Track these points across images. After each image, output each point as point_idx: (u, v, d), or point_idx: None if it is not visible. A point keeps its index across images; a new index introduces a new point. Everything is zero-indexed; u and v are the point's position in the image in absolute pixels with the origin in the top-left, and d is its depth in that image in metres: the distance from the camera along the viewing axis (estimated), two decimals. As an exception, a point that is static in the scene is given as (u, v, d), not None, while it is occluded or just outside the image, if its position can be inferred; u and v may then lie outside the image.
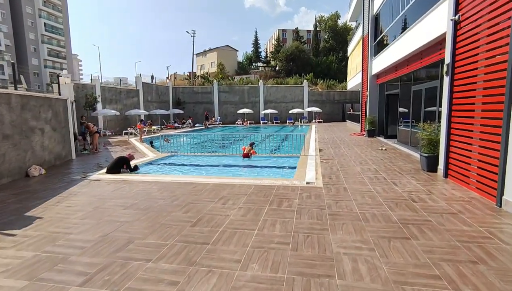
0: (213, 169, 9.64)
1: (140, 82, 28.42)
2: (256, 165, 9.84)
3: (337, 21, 71.80)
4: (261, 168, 9.42)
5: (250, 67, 70.50)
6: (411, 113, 11.06)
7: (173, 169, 9.61)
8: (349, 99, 35.91)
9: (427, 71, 9.96)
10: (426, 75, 10.16)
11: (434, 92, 9.14)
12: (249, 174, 8.83)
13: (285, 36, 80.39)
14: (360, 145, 13.29)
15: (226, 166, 9.89)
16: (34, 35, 67.51)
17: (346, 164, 8.94)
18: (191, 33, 41.33)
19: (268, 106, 35.87)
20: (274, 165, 9.98)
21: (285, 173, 8.62)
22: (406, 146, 11.61)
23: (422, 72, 10.42)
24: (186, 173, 9.05)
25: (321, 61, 61.83)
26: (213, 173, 9.12)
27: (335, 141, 14.85)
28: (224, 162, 10.65)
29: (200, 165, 10.21)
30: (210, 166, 9.96)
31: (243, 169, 9.47)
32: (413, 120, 11.03)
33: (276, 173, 8.82)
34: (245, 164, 10.09)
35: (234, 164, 10.20)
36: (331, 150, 12.05)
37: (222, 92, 36.18)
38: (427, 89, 9.67)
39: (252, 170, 9.32)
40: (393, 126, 15.29)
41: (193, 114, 35.45)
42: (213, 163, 10.58)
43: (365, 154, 10.70)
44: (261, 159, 10.87)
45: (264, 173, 8.90)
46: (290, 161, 10.33)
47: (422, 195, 5.56)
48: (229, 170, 9.44)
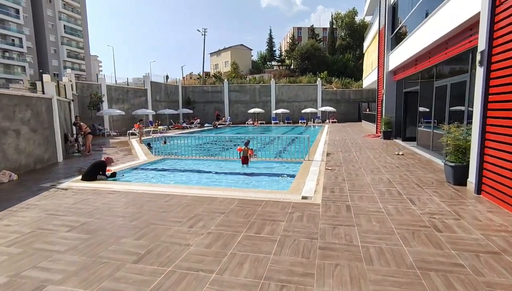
0: (204, 176, 8.62)
1: (148, 81, 27.95)
2: (253, 172, 8.74)
3: (354, 18, 69.52)
4: (257, 176, 8.31)
5: (264, 66, 69.43)
6: (433, 113, 9.62)
7: (160, 175, 8.67)
8: (365, 98, 34.10)
9: (453, 64, 8.51)
10: (451, 69, 8.71)
11: (462, 88, 7.71)
12: (242, 182, 7.75)
13: (300, 35, 78.81)
14: (373, 149, 11.90)
15: (219, 173, 8.85)
16: (54, 37, 69.28)
17: (355, 172, 7.67)
18: (202, 32, 40.75)
19: (279, 105, 34.63)
20: (273, 171, 8.84)
21: (281, 183, 7.47)
22: (427, 150, 10.15)
23: (447, 66, 8.96)
24: (172, 180, 8.08)
25: (337, 60, 59.85)
26: (202, 180, 8.10)
27: (346, 144, 13.50)
28: (220, 167, 9.63)
29: (193, 170, 9.22)
30: (202, 173, 8.94)
31: (237, 176, 8.40)
32: (435, 120, 9.58)
33: (272, 181, 7.69)
34: (242, 170, 9.01)
35: (229, 169, 9.15)
36: (340, 154, 10.76)
37: (232, 92, 35.28)
38: (454, 85, 8.23)
39: (247, 178, 8.22)
40: (412, 128, 13.76)
41: (203, 114, 34.77)
42: (207, 168, 9.57)
43: (378, 160, 9.36)
44: (259, 164, 9.76)
45: (260, 181, 7.78)
46: (291, 167, 9.16)
47: (448, 220, 4.28)
48: (221, 177, 8.39)
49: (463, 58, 7.81)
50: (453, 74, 8.34)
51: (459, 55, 7.88)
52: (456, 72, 8.29)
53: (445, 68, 9.13)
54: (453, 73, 8.43)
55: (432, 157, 9.33)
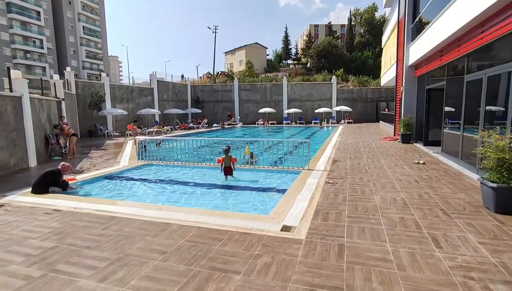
0: (180, 188, 7.32)
1: (155, 80, 27.18)
2: (238, 185, 7.35)
3: (374, 14, 66.54)
4: (241, 191, 6.90)
5: (280, 65, 67.83)
6: (463, 113, 7.84)
7: (130, 186, 7.46)
8: (384, 97, 31.80)
9: (492, 51, 6.74)
10: (489, 58, 6.94)
11: (503, 82, 5.98)
12: (220, 199, 6.39)
13: (317, 32, 76.59)
14: (389, 155, 10.19)
15: (198, 184, 7.51)
16: (73, 38, 70.86)
17: (361, 188, 6.12)
18: (213, 29, 39.73)
19: (292, 105, 33.00)
20: (260, 184, 7.39)
21: (267, 202, 6.04)
22: (455, 158, 8.38)
23: (483, 54, 7.19)
24: (140, 193, 6.85)
25: (355, 57, 57.38)
26: (175, 194, 6.81)
27: (358, 149, 11.83)
28: (205, 175, 8.32)
29: (171, 180, 7.95)
30: (179, 184, 7.65)
31: (218, 190, 7.04)
32: (466, 122, 7.82)
33: (256, 199, 6.26)
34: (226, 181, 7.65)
35: (213, 180, 7.81)
36: (348, 161, 9.16)
37: (242, 90, 34.00)
38: (492, 78, 6.47)
39: (228, 193, 6.85)
40: (435, 130, 11.90)
41: (212, 113, 33.74)
42: (190, 177, 8.29)
43: (394, 170, 7.72)
44: (250, 174, 8.36)
45: (241, 198, 6.38)
46: (286, 178, 7.71)
47: (495, 285, 2.72)
48: (198, 191, 7.07)
49: (505, 43, 6.06)
50: (492, 65, 6.58)
51: (502, 39, 6.13)
52: (496, 61, 6.53)
53: (480, 57, 7.35)
54: (492, 63, 6.68)
55: (461, 168, 7.58)
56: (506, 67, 5.87)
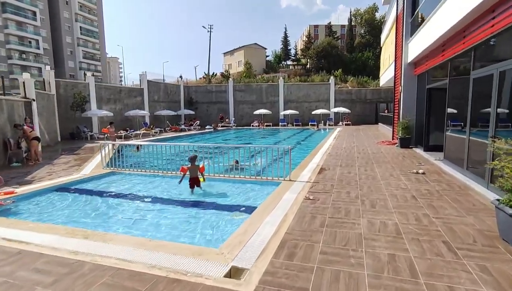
0: (134, 204, 6.24)
1: (145, 80, 26.16)
2: (203, 200, 6.26)
3: (374, 14, 65.59)
4: (204, 208, 5.81)
5: (279, 66, 66.85)
6: (469, 114, 6.73)
7: (78, 201, 6.39)
8: (383, 98, 30.69)
9: (504, 41, 5.63)
10: (501, 50, 5.84)
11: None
12: (176, 219, 5.30)
13: (316, 33, 75.65)
14: (385, 162, 9.09)
15: (157, 200, 6.41)
16: (70, 39, 70.12)
17: (346, 207, 5.02)
18: (208, 28, 38.71)
19: (288, 106, 31.90)
20: (230, 199, 6.28)
21: (228, 224, 4.96)
22: (460, 168, 7.26)
23: (493, 46, 6.08)
24: (87, 211, 5.77)
25: (355, 58, 56.31)
26: (128, 211, 5.74)
27: (352, 155, 10.72)
28: (170, 189, 7.24)
29: (129, 194, 6.86)
30: (133, 200, 6.57)
31: (177, 207, 5.96)
32: (472, 125, 6.72)
33: (218, 220, 5.17)
34: (190, 195, 6.57)
35: (175, 193, 6.72)
36: (337, 170, 8.07)
37: (237, 91, 32.94)
38: (504, 74, 5.37)
39: (187, 210, 5.76)
40: (436, 134, 10.79)
41: (206, 115, 32.70)
42: (152, 190, 7.22)
43: (388, 182, 6.62)
44: (221, 185, 7.27)
45: (202, 217, 5.29)
46: (262, 191, 6.64)
47: None
48: (151, 208, 5.99)
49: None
50: (505, 58, 5.48)
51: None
52: (510, 53, 5.43)
53: (490, 50, 6.25)
54: (505, 57, 5.57)
55: (467, 180, 6.46)
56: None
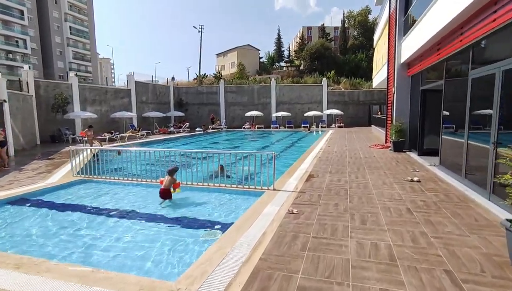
0: (97, 219, 5.55)
1: (133, 81, 25.34)
2: (173, 214, 5.59)
3: (367, 16, 65.76)
4: (172, 223, 5.13)
5: (272, 67, 66.47)
6: (468, 116, 6.19)
7: (31, 216, 5.67)
8: (376, 99, 30.34)
9: (508, 38, 5.10)
10: (503, 48, 5.31)
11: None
12: (138, 235, 4.63)
13: (310, 34, 75.68)
14: (378, 168, 8.53)
15: (123, 214, 5.71)
16: (60, 39, 68.70)
17: (333, 224, 4.41)
18: (199, 29, 37.96)
19: (280, 108, 31.35)
20: (204, 213, 5.61)
21: (196, 246, 4.31)
22: (457, 175, 6.72)
23: (495, 42, 5.55)
24: (37, 229, 5.06)
25: (349, 60, 56.18)
26: (85, 229, 5.05)
27: (343, 159, 10.16)
28: (143, 199, 6.55)
29: (92, 208, 6.16)
30: (98, 214, 5.87)
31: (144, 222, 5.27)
32: (471, 129, 6.18)
33: (186, 240, 4.51)
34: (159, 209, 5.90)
35: (144, 205, 6.04)
36: (327, 177, 7.47)
37: (229, 93, 32.28)
38: (508, 73, 4.83)
39: (153, 226, 5.08)
40: (431, 137, 10.30)
41: (197, 116, 31.97)
42: (121, 201, 6.52)
43: (381, 191, 6.04)
44: (199, 195, 6.62)
45: (167, 236, 4.63)
46: (242, 202, 6.01)
47: None
48: (118, 224, 5.30)
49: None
50: (508, 56, 4.95)
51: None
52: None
53: (491, 47, 5.72)
54: (507, 54, 5.05)
55: (466, 189, 5.91)
56: (531, 57, 4.24)
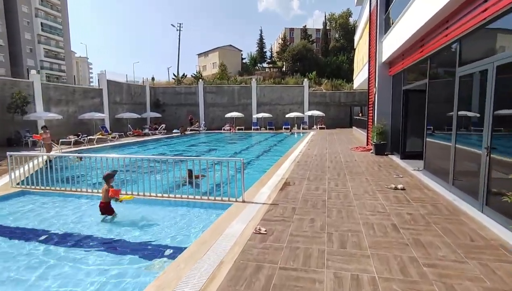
0: (21, 245, 4.53)
1: (104, 80, 23.85)
2: (115, 235, 4.66)
3: (348, 19, 66.54)
4: (106, 252, 4.20)
5: (255, 68, 65.87)
6: (456, 117, 5.63)
7: None
8: (357, 101, 30.28)
9: (502, 28, 4.53)
10: (496, 40, 4.75)
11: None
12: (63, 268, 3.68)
13: (292, 36, 75.91)
14: (359, 173, 7.91)
15: (53, 236, 4.72)
16: (30, 35, 65.07)
17: (306, 249, 3.64)
18: (177, 27, 36.66)
19: (261, 109, 30.65)
20: (154, 232, 4.71)
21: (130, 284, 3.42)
22: (444, 182, 6.17)
23: (485, 36, 4.99)
24: None
25: (330, 61, 56.47)
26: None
27: (323, 163, 9.50)
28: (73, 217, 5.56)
29: (23, 229, 5.11)
30: (23, 240, 4.85)
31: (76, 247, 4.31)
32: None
33: (127, 272, 3.61)
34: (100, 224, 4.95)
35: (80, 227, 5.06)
36: (304, 185, 6.74)
37: (208, 93, 31.24)
38: (503, 67, 4.26)
39: (84, 254, 4.13)
40: (414, 140, 9.85)
41: (175, 118, 30.69)
42: (62, 218, 5.50)
43: (363, 202, 5.36)
44: (152, 208, 5.71)
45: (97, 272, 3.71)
46: (204, 219, 5.16)
47: None
48: (48, 249, 4.32)
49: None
50: (502, 49, 4.38)
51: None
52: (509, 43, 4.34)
53: (482, 41, 5.17)
54: (499, 48, 4.48)
55: (455, 198, 5.33)
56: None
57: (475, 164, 4.95)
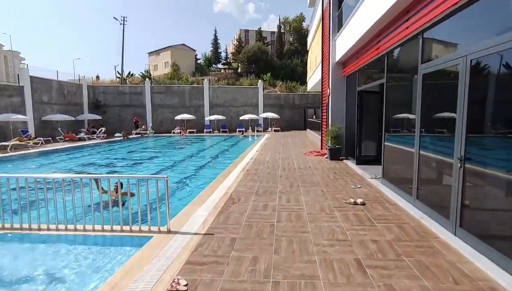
0: None
1: (27, 76, 20.42)
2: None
3: (301, 23, 68.00)
4: None
5: (209, 69, 63.97)
6: (419, 121, 4.92)
7: None
8: (311, 103, 30.36)
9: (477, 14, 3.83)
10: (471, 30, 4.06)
11: None
12: None
13: (247, 37, 75.56)
14: (314, 183, 7.00)
15: None
16: None
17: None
18: (120, 21, 33.48)
19: (214, 111, 29.17)
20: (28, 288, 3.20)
21: None
22: (407, 195, 5.46)
23: (454, 25, 4.30)
24: None
25: (285, 64, 56.96)
26: None
27: (275, 172, 8.48)
28: None
29: None
30: None
31: None
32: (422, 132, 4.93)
33: None
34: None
35: None
36: (250, 202, 5.58)
37: (156, 93, 28.86)
38: (480, 63, 3.53)
39: None
40: (369, 144, 9.35)
41: (118, 120, 27.80)
42: None
43: (319, 226, 4.35)
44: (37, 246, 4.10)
45: None
46: (109, 261, 3.71)
47: None
48: None
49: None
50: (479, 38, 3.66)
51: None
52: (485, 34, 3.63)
53: (449, 34, 4.48)
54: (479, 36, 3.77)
55: (423, 216, 4.58)
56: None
57: (444, 174, 4.24)
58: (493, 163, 3.42)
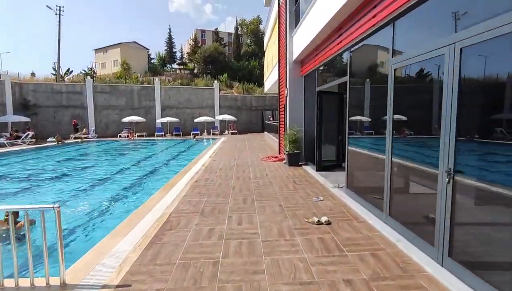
0: None
1: None
2: None
3: (259, 26, 68.04)
4: None
5: (164, 69, 60.74)
6: (391, 123, 4.20)
7: None
8: (268, 105, 29.85)
9: None
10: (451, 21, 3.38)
11: None
12: None
13: (204, 37, 73.64)
14: (271, 196, 6.04)
15: None
16: None
17: None
18: (56, 10, 29.69)
19: (167, 113, 27.15)
20: None
21: None
22: (376, 210, 4.72)
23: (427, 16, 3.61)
24: None
25: (242, 66, 56.28)
26: None
27: (227, 182, 7.38)
28: None
29: None
30: None
31: None
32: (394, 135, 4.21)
33: None
34: None
35: None
36: (193, 225, 4.41)
37: (100, 93, 25.99)
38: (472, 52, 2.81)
39: None
40: (330, 148, 8.72)
41: (53, 123, 24.45)
42: None
43: (277, 260, 3.34)
44: None
45: None
46: None
47: None
48: None
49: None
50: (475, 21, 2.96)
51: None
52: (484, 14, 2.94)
53: (425, 22, 3.79)
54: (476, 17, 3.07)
55: (400, 240, 3.82)
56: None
57: (424, 186, 3.53)
58: (492, 176, 2.71)
